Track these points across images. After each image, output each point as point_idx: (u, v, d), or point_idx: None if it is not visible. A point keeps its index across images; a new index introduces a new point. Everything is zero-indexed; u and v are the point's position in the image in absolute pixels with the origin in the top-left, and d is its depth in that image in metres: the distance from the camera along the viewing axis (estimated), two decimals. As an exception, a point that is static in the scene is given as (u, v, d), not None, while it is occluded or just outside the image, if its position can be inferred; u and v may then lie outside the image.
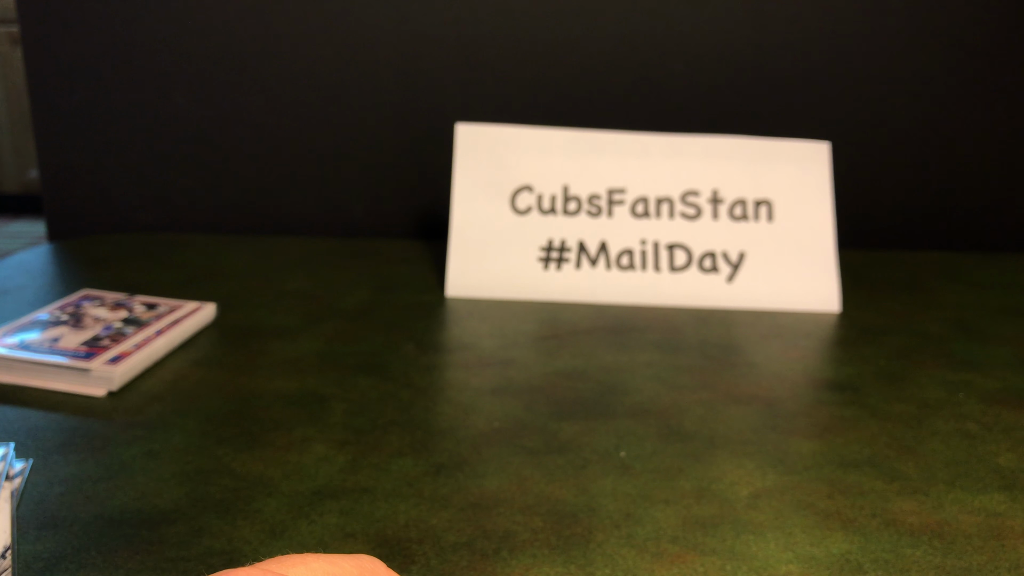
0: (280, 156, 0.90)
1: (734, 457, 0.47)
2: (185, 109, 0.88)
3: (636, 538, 0.39)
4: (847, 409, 0.53)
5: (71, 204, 0.91)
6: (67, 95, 0.88)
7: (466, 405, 0.53)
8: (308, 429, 0.49)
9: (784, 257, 0.73)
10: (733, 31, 0.87)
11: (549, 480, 0.44)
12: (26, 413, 0.49)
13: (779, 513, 0.41)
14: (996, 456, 0.48)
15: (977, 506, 0.42)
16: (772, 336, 0.66)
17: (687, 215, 0.74)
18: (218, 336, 0.62)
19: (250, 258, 0.82)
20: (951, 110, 0.90)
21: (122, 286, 0.70)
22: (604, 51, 0.88)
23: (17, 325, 0.58)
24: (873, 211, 0.93)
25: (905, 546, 0.39)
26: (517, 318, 0.68)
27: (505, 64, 0.88)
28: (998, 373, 0.59)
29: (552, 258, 0.73)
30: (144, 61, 0.87)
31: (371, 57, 0.87)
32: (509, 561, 0.37)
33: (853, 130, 0.90)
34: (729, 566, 0.37)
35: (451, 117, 0.83)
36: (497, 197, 0.75)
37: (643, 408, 0.53)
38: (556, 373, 0.58)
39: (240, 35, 0.86)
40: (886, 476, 0.45)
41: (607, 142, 0.76)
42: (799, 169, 0.75)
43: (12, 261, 0.79)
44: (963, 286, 0.80)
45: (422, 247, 0.87)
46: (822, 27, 0.87)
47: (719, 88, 0.89)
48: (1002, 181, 0.93)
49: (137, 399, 0.52)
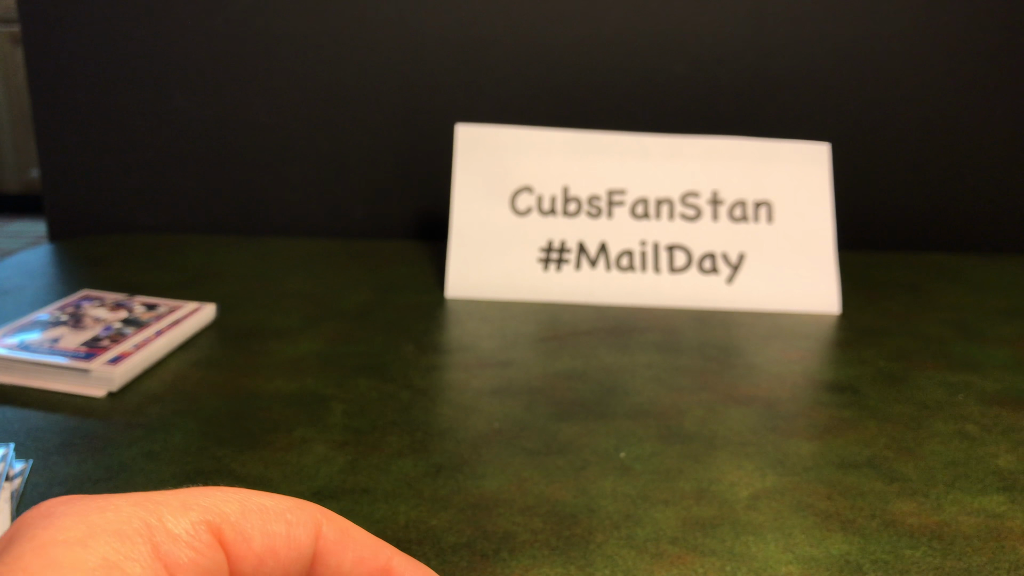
0: (281, 157, 0.90)
1: (734, 458, 0.47)
2: (186, 110, 0.88)
3: (636, 539, 0.39)
4: (847, 410, 0.53)
5: (72, 204, 0.91)
6: (68, 95, 0.88)
7: (466, 406, 0.53)
8: (308, 430, 0.49)
9: (784, 258, 0.73)
10: (733, 32, 0.87)
11: (549, 481, 0.44)
12: (26, 414, 0.49)
13: (779, 514, 0.41)
14: (996, 457, 0.48)
15: (977, 507, 0.42)
16: (772, 337, 0.66)
17: (687, 216, 0.74)
18: (218, 337, 0.62)
19: (250, 259, 0.82)
20: (951, 111, 0.90)
21: (122, 286, 0.70)
22: (604, 52, 0.88)
23: (17, 325, 0.58)
24: (873, 212, 0.93)
25: (905, 547, 0.39)
26: (517, 319, 0.68)
27: (505, 65, 0.88)
28: (998, 374, 0.59)
29: (552, 259, 0.73)
30: (145, 61, 0.87)
31: (372, 58, 0.87)
32: (509, 562, 0.37)
33: (853, 131, 0.90)
34: (729, 567, 0.37)
35: (451, 118, 0.83)
36: (497, 198, 0.75)
37: (643, 409, 0.53)
38: (556, 374, 0.58)
39: (241, 36, 0.86)
40: (886, 477, 0.45)
41: (607, 143, 0.76)
42: (799, 170, 0.75)
43: (12, 261, 0.79)
44: (963, 288, 0.80)
45: (422, 248, 0.87)
46: (822, 29, 0.87)
47: (719, 89, 0.89)
48: (1002, 183, 0.93)
49: (137, 400, 0.52)
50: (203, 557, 0.17)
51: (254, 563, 0.17)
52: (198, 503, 0.17)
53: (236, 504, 0.18)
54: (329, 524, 0.19)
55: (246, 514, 0.18)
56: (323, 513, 0.19)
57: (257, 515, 0.18)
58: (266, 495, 0.19)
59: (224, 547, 0.17)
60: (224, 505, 0.18)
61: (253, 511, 0.18)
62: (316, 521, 0.19)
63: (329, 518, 0.19)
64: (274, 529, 0.18)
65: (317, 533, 0.18)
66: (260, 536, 0.18)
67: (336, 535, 0.19)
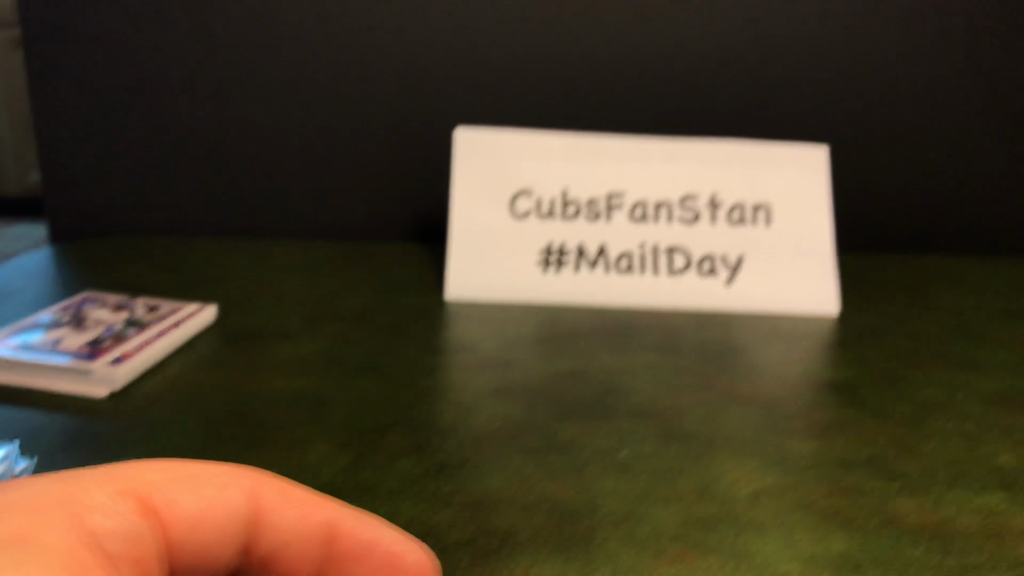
0: (281, 160, 0.90)
1: (734, 457, 0.47)
2: (186, 112, 0.89)
3: (637, 537, 0.39)
4: (847, 410, 0.54)
5: (73, 207, 0.91)
6: (68, 98, 0.88)
7: (467, 406, 0.53)
8: (310, 429, 0.49)
9: (783, 260, 0.74)
10: (732, 35, 0.88)
11: (550, 479, 0.44)
12: (29, 414, 0.49)
13: (779, 513, 0.41)
14: (996, 456, 0.48)
15: (977, 506, 0.43)
16: (771, 338, 0.66)
17: (685, 219, 0.75)
18: (219, 338, 0.62)
19: (251, 261, 0.82)
20: (951, 112, 0.91)
21: (123, 288, 0.70)
22: (603, 56, 0.88)
23: (19, 327, 0.58)
24: (872, 214, 0.93)
25: (905, 545, 0.39)
26: (517, 321, 0.68)
27: (505, 68, 0.88)
28: (997, 375, 0.60)
29: (551, 261, 0.74)
30: (146, 64, 0.87)
31: (371, 61, 0.88)
32: (510, 560, 0.37)
33: (852, 133, 0.90)
34: (730, 565, 0.37)
35: (451, 121, 0.83)
36: (496, 201, 0.75)
37: (643, 409, 0.53)
38: (556, 375, 0.58)
39: (241, 39, 0.87)
40: (886, 476, 0.45)
41: (606, 146, 0.76)
42: (797, 173, 0.75)
43: (14, 264, 0.79)
44: (962, 289, 0.80)
45: (422, 250, 0.87)
46: (821, 30, 0.88)
47: (718, 92, 0.89)
48: (1002, 184, 0.93)
49: (139, 400, 0.52)
50: (127, 523, 0.16)
51: (186, 527, 0.17)
52: (121, 474, 0.17)
53: (162, 473, 0.18)
54: (267, 485, 0.19)
55: (173, 481, 0.18)
56: (260, 475, 0.19)
57: (186, 481, 0.18)
58: (197, 463, 0.18)
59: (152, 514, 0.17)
60: (149, 475, 0.17)
61: (181, 478, 0.18)
62: (252, 482, 0.18)
63: (267, 479, 0.19)
64: (205, 493, 0.18)
65: (254, 494, 0.18)
66: (190, 500, 0.17)
67: (275, 494, 0.19)
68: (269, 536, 0.18)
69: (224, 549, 0.18)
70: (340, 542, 0.19)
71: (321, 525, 0.19)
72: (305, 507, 0.19)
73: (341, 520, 0.19)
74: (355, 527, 0.19)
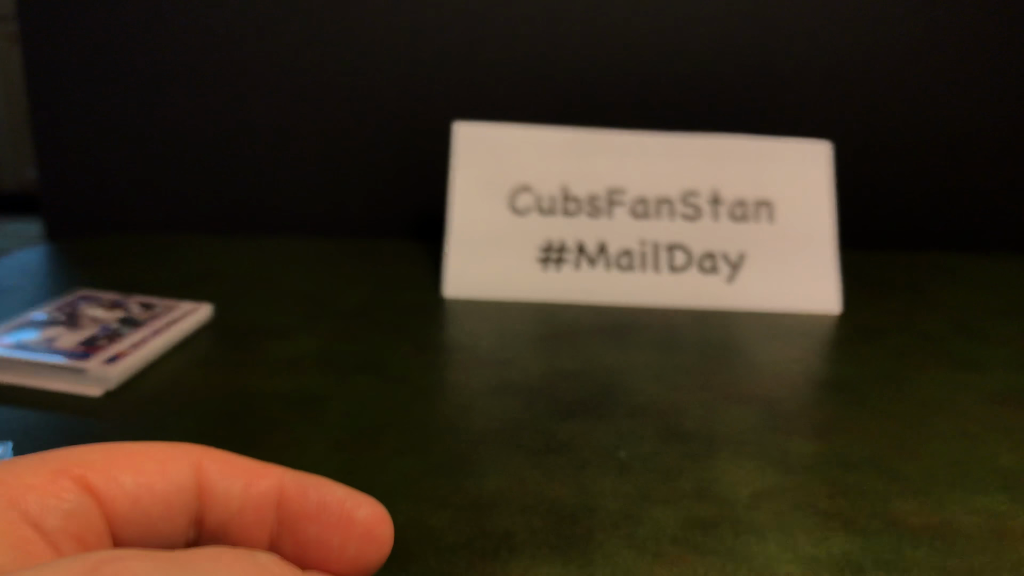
0: (277, 156, 0.90)
1: (734, 457, 0.47)
2: (183, 109, 0.88)
3: (636, 538, 0.39)
4: (847, 409, 0.53)
5: (68, 203, 0.91)
6: (65, 94, 0.87)
7: (465, 405, 0.52)
8: (306, 428, 0.48)
9: (784, 258, 0.73)
10: (734, 31, 0.87)
11: (549, 480, 0.44)
12: (22, 413, 0.49)
13: (779, 513, 0.41)
14: (997, 456, 0.47)
15: (978, 506, 0.42)
16: (772, 336, 0.66)
17: (687, 215, 0.74)
18: (215, 336, 0.62)
19: (247, 258, 0.81)
20: (954, 110, 0.90)
21: (119, 286, 0.70)
22: (604, 50, 0.88)
23: (13, 325, 0.58)
24: (874, 211, 0.93)
25: (906, 546, 0.39)
26: (516, 318, 0.68)
27: (504, 63, 0.88)
28: (999, 374, 0.59)
29: (551, 258, 0.73)
30: (143, 60, 0.86)
31: (369, 56, 0.87)
32: (508, 561, 0.37)
33: (854, 130, 0.89)
34: (729, 566, 0.37)
35: (449, 116, 0.82)
36: (496, 197, 0.74)
37: (643, 408, 0.52)
38: (555, 373, 0.57)
39: (238, 35, 0.86)
40: (887, 476, 0.45)
41: (606, 142, 0.75)
42: (800, 169, 0.75)
43: (8, 261, 0.79)
44: (964, 287, 0.80)
45: (420, 247, 0.87)
46: (824, 27, 0.87)
47: (719, 88, 0.88)
48: (1003, 182, 0.93)
49: (134, 399, 0.51)
50: (65, 501, 0.17)
51: (128, 501, 0.18)
52: (56, 456, 0.18)
53: (100, 453, 0.18)
54: (210, 456, 0.19)
55: (112, 459, 0.18)
56: (203, 448, 0.19)
57: (125, 458, 0.18)
58: (137, 443, 0.19)
59: (91, 491, 0.17)
60: (87, 455, 0.18)
61: (120, 456, 0.18)
62: (195, 455, 0.19)
63: (210, 451, 0.19)
64: (146, 467, 0.18)
65: (197, 466, 0.19)
66: (130, 475, 0.18)
67: (219, 464, 0.19)
68: (219, 505, 0.19)
69: (173, 521, 0.18)
70: (290, 504, 0.19)
71: (269, 490, 0.19)
72: (250, 475, 0.19)
73: (288, 483, 0.19)
74: (303, 489, 0.19)
